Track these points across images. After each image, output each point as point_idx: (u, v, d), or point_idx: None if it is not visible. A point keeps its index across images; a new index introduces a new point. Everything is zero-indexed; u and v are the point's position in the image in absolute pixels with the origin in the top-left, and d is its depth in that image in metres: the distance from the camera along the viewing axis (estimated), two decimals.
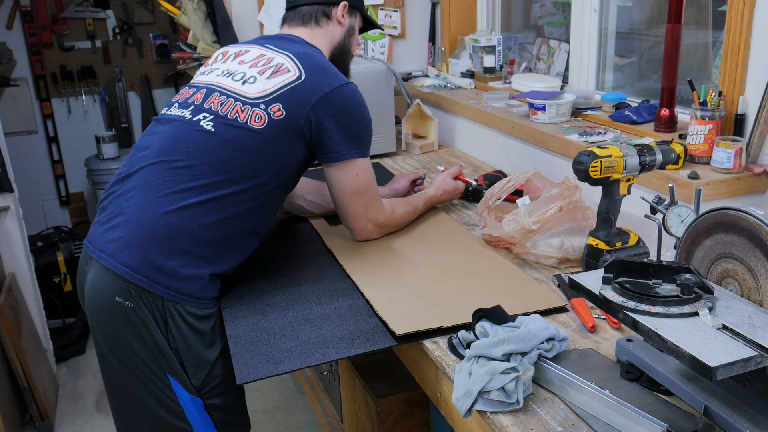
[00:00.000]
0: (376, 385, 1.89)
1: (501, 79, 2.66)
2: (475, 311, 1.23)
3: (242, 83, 1.52)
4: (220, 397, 1.46)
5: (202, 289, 1.41)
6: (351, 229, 1.67)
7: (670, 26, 1.72)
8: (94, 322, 1.44)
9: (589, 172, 1.36)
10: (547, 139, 2.02)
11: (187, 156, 1.43)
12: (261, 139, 1.45)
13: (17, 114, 4.33)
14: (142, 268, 1.36)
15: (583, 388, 1.04)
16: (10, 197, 2.85)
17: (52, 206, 4.67)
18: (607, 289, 1.05)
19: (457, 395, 1.07)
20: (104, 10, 4.52)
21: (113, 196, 1.47)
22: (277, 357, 1.24)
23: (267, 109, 1.46)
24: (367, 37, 3.01)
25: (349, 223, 1.65)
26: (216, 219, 1.42)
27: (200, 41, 2.84)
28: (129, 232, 1.39)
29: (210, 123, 1.46)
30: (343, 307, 1.41)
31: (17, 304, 2.81)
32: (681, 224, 1.28)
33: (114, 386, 1.48)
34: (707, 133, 1.61)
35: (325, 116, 1.48)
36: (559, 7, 2.69)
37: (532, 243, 1.56)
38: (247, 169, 1.44)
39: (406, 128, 2.57)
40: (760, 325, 0.93)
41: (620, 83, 2.35)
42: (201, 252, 1.41)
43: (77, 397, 3.05)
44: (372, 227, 1.67)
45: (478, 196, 1.93)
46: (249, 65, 1.56)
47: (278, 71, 1.51)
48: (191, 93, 1.56)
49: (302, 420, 2.80)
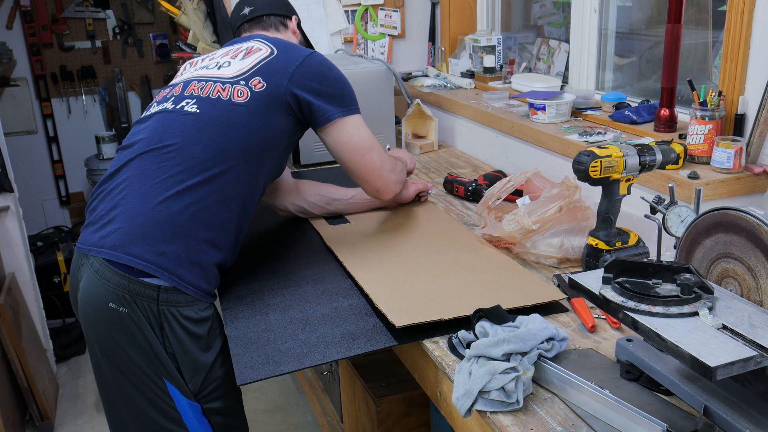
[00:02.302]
0: (376, 385, 1.89)
1: (501, 79, 2.66)
2: (475, 311, 1.23)
3: (217, 68, 1.56)
4: (217, 401, 1.45)
5: (203, 279, 1.40)
6: (377, 189, 1.66)
7: (670, 26, 1.72)
8: (88, 329, 1.42)
9: (589, 172, 1.36)
10: (547, 139, 2.02)
11: (177, 139, 1.43)
12: (247, 112, 1.47)
13: (17, 114, 4.34)
14: (146, 254, 1.34)
15: (583, 388, 1.04)
16: (10, 197, 2.85)
17: (52, 206, 4.67)
18: (607, 289, 1.05)
19: (457, 395, 1.07)
20: (104, 10, 4.52)
21: (103, 194, 1.44)
22: (277, 357, 1.24)
23: (247, 83, 1.49)
24: (367, 37, 3.01)
25: (373, 183, 1.64)
26: (216, 199, 1.41)
27: (200, 41, 2.84)
28: (128, 221, 1.36)
29: (194, 106, 1.48)
30: (343, 307, 1.41)
31: (17, 304, 2.81)
32: (681, 224, 1.28)
33: (109, 393, 1.46)
34: (707, 133, 1.61)
35: (306, 83, 1.51)
36: (559, 7, 2.69)
37: (532, 243, 1.56)
38: (238, 145, 1.45)
39: (406, 128, 2.58)
40: (759, 325, 0.93)
41: (620, 83, 2.35)
42: (205, 235, 1.40)
43: (77, 397, 3.05)
44: (395, 177, 1.69)
45: (478, 196, 1.93)
46: (220, 57, 1.61)
47: (250, 52, 1.57)
48: (168, 91, 1.58)
49: (302, 420, 2.80)
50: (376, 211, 1.89)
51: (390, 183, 1.67)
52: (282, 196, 1.84)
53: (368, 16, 2.99)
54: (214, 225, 1.42)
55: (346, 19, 2.93)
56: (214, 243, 1.42)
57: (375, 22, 2.99)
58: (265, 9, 1.76)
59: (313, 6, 2.86)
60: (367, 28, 3.01)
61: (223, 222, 1.44)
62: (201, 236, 1.40)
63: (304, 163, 2.39)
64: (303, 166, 2.39)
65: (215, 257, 1.43)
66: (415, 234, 1.74)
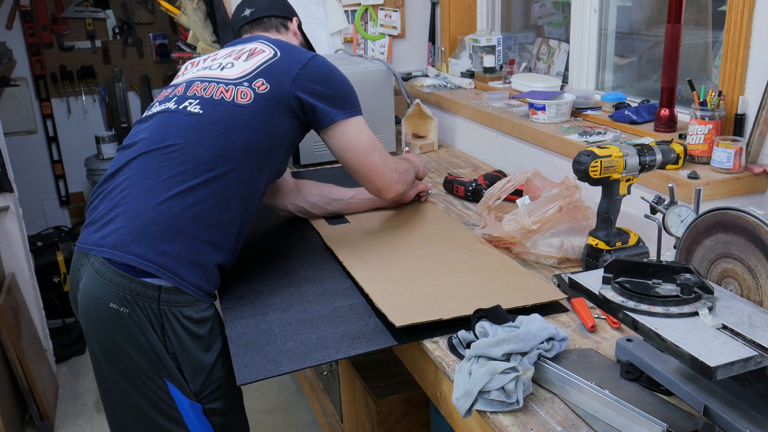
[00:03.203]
0: (376, 385, 1.89)
1: (501, 79, 2.66)
2: (474, 311, 1.23)
3: (220, 70, 1.56)
4: (218, 401, 1.45)
5: (204, 279, 1.40)
6: (379, 188, 1.68)
7: (670, 26, 1.72)
8: (88, 330, 1.42)
9: (589, 172, 1.36)
10: (546, 139, 2.02)
11: (180, 139, 1.43)
12: (250, 113, 1.47)
13: (17, 114, 4.34)
14: (147, 253, 1.34)
15: (583, 388, 1.04)
16: (10, 197, 2.85)
17: (52, 206, 4.67)
18: (606, 289, 1.05)
19: (457, 395, 1.07)
20: (104, 10, 4.52)
21: (103, 194, 1.44)
22: (277, 357, 1.24)
23: (251, 85, 1.50)
24: (367, 37, 3.01)
25: (375, 182, 1.66)
26: (218, 200, 1.41)
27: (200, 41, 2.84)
28: (129, 220, 1.36)
29: (197, 106, 1.48)
30: (343, 307, 1.41)
31: (17, 304, 2.81)
32: (681, 224, 1.28)
33: (110, 393, 1.46)
34: (707, 133, 1.61)
35: (309, 86, 1.52)
36: (559, 7, 2.69)
37: (532, 243, 1.56)
38: (241, 146, 1.45)
39: (406, 128, 2.58)
40: (759, 325, 0.93)
41: (620, 83, 2.35)
42: (206, 235, 1.40)
43: (77, 397, 3.05)
44: (396, 176, 1.70)
45: (478, 196, 1.93)
46: (222, 58, 1.61)
47: (253, 54, 1.57)
48: (170, 91, 1.58)
49: (302, 420, 2.80)
50: (376, 211, 1.89)
51: (392, 182, 1.67)
52: (282, 197, 1.84)
53: (368, 16, 2.99)
54: (215, 225, 1.42)
55: (346, 19, 2.93)
56: (215, 243, 1.42)
57: (375, 22, 2.99)
58: (266, 11, 1.77)
59: (313, 6, 2.86)
60: (367, 28, 3.01)
61: (225, 222, 1.44)
62: (202, 236, 1.40)
63: (304, 163, 2.39)
64: (303, 166, 2.39)
65: (216, 257, 1.43)
66: (415, 234, 1.74)
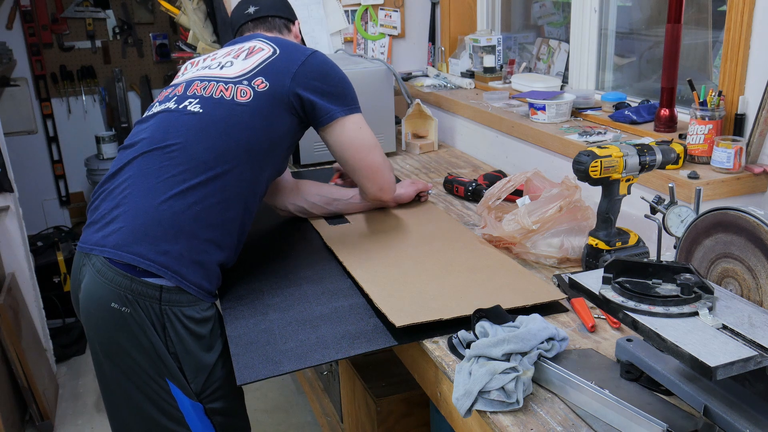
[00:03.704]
0: (376, 385, 1.89)
1: (501, 79, 2.66)
2: (474, 311, 1.23)
3: (220, 68, 1.56)
4: (219, 401, 1.45)
5: (206, 279, 1.40)
6: (380, 187, 1.69)
7: (670, 26, 1.72)
8: (89, 330, 1.42)
9: (589, 172, 1.36)
10: (546, 139, 2.02)
11: (180, 139, 1.43)
12: (250, 111, 1.47)
13: (17, 114, 4.34)
14: (148, 253, 1.34)
15: (583, 388, 1.04)
16: (10, 197, 2.85)
17: (52, 206, 4.68)
18: (607, 289, 1.05)
19: (457, 395, 1.07)
20: (104, 10, 4.52)
21: (105, 194, 1.44)
22: (277, 357, 1.24)
23: (250, 83, 1.50)
24: (367, 37, 3.01)
25: (375, 181, 1.67)
26: (219, 199, 1.42)
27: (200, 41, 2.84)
28: (131, 220, 1.36)
29: (197, 105, 1.48)
30: (343, 307, 1.41)
31: (17, 304, 2.81)
32: (681, 224, 1.28)
33: (111, 393, 1.46)
34: (707, 133, 1.61)
35: (309, 83, 1.52)
36: (559, 7, 2.69)
37: (532, 243, 1.56)
38: (242, 144, 1.45)
39: (406, 128, 2.58)
40: (759, 325, 0.93)
41: (620, 83, 2.35)
42: (208, 235, 1.40)
43: (77, 397, 3.05)
44: (393, 177, 1.72)
45: (478, 196, 1.93)
46: (222, 57, 1.61)
47: (253, 52, 1.57)
48: (170, 91, 1.58)
49: (302, 420, 2.80)
50: (376, 211, 1.89)
51: (392, 182, 1.68)
52: (282, 196, 1.84)
53: (368, 16, 2.99)
54: (216, 224, 1.42)
55: (346, 19, 2.93)
56: (216, 242, 1.42)
57: (375, 22, 2.99)
58: (270, 10, 1.77)
59: (313, 6, 2.85)
60: (367, 28, 3.01)
61: (226, 221, 1.44)
62: (204, 236, 1.40)
63: (304, 163, 2.39)
64: (303, 166, 2.39)
65: (218, 257, 1.43)
66: (415, 234, 1.74)
